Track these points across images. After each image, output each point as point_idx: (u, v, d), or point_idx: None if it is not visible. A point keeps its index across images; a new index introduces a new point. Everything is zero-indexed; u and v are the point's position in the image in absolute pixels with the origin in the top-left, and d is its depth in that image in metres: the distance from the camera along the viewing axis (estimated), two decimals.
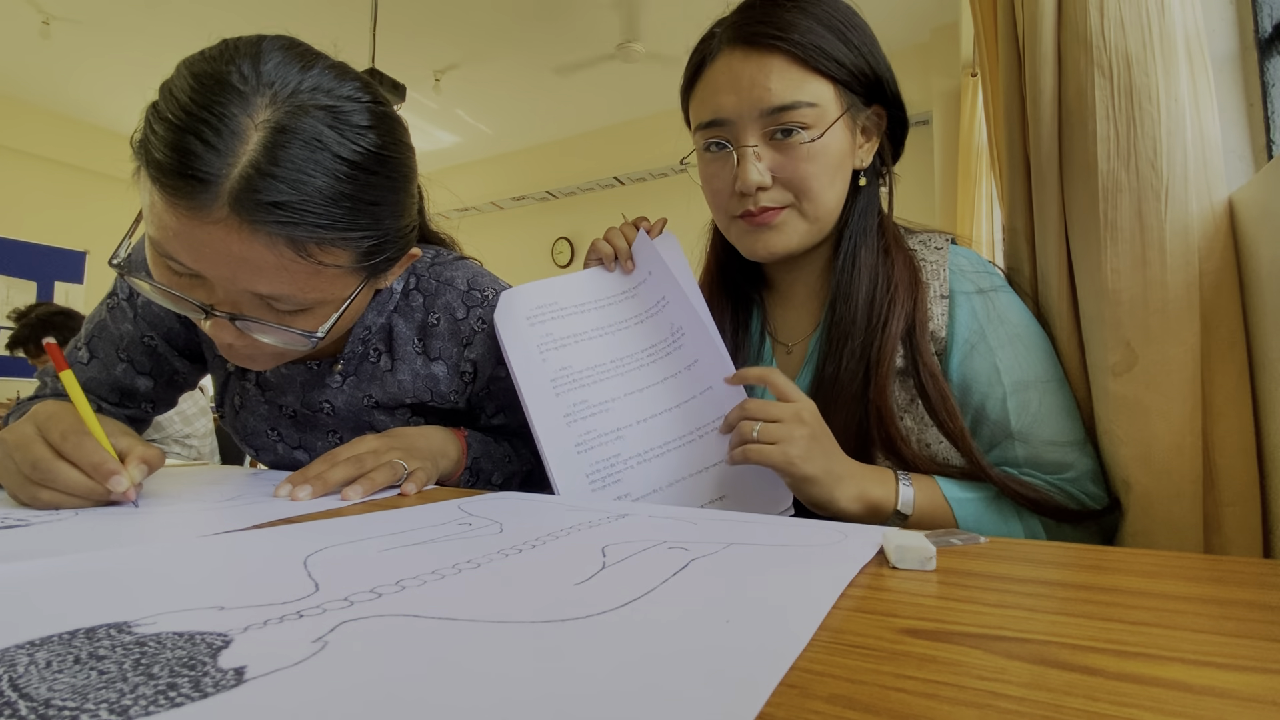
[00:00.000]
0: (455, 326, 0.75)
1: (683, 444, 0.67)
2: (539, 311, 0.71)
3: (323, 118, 0.50)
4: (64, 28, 3.63)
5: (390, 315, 0.75)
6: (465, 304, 0.75)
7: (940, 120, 3.43)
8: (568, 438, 0.66)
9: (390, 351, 0.75)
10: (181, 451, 2.16)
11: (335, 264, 0.54)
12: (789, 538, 0.40)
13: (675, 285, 0.70)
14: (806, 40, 0.61)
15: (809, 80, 0.62)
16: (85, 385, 0.74)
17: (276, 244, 0.50)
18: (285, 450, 0.80)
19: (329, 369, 0.75)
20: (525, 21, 3.64)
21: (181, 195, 0.48)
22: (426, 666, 0.20)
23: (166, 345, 0.76)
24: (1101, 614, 0.26)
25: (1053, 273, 0.66)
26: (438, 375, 0.76)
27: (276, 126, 0.49)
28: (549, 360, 0.69)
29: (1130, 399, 0.57)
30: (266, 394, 0.77)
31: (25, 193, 4.58)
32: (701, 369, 0.69)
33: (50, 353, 0.53)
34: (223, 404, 0.82)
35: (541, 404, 0.67)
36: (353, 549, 0.36)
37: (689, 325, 0.70)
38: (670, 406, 0.68)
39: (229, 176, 0.48)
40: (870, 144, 0.69)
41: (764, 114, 0.63)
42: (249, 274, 0.52)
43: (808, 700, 0.19)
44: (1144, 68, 0.56)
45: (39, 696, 0.18)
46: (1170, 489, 0.55)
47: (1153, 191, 0.55)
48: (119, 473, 0.49)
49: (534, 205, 5.61)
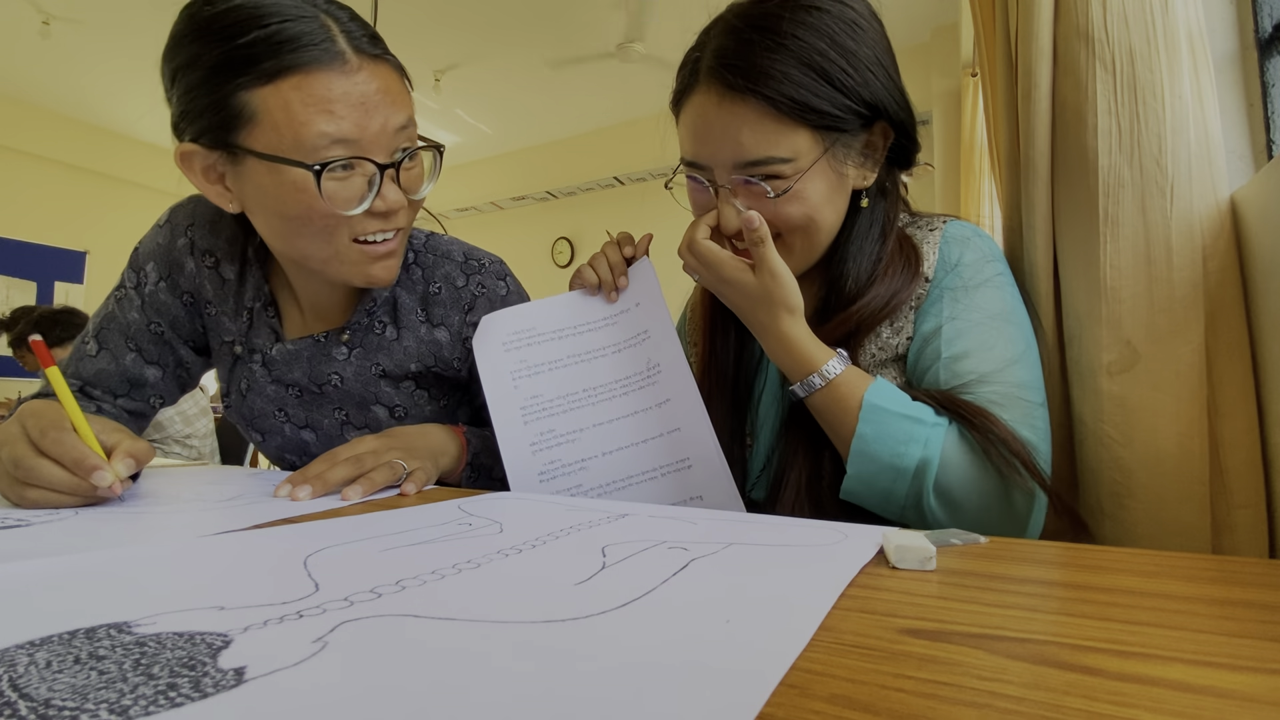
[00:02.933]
0: (456, 294, 0.79)
1: (644, 480, 0.67)
2: (515, 337, 0.71)
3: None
4: (64, 28, 3.63)
5: (393, 288, 0.78)
6: (464, 272, 0.79)
7: (940, 120, 3.43)
8: (532, 465, 0.66)
9: (395, 322, 0.78)
10: (182, 451, 2.15)
11: None
12: (789, 538, 0.40)
13: (663, 320, 0.70)
14: (782, 91, 0.57)
15: (784, 133, 0.58)
16: (95, 378, 0.76)
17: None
18: (292, 430, 0.81)
19: (336, 340, 0.77)
20: (525, 21, 3.64)
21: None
22: (426, 666, 0.20)
23: (173, 333, 0.78)
24: (1101, 614, 0.26)
25: (1040, 269, 0.66)
26: (440, 340, 0.78)
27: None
28: (520, 388, 0.69)
29: (1130, 399, 0.56)
30: (273, 373, 0.79)
31: (25, 193, 4.58)
32: (672, 409, 0.68)
33: (36, 350, 0.53)
34: (229, 392, 0.83)
35: (510, 431, 0.67)
36: (353, 549, 0.36)
37: (666, 363, 0.69)
38: (636, 441, 0.68)
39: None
40: (872, 162, 0.65)
41: (736, 166, 0.60)
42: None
43: (808, 700, 0.19)
44: (1148, 63, 0.56)
45: (39, 696, 0.18)
46: (1179, 491, 0.54)
47: (1157, 188, 0.55)
48: (101, 467, 0.49)
49: (534, 205, 5.60)
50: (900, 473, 0.54)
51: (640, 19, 3.50)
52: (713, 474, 0.66)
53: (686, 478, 0.66)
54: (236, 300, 0.77)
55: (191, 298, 0.78)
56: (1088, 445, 0.60)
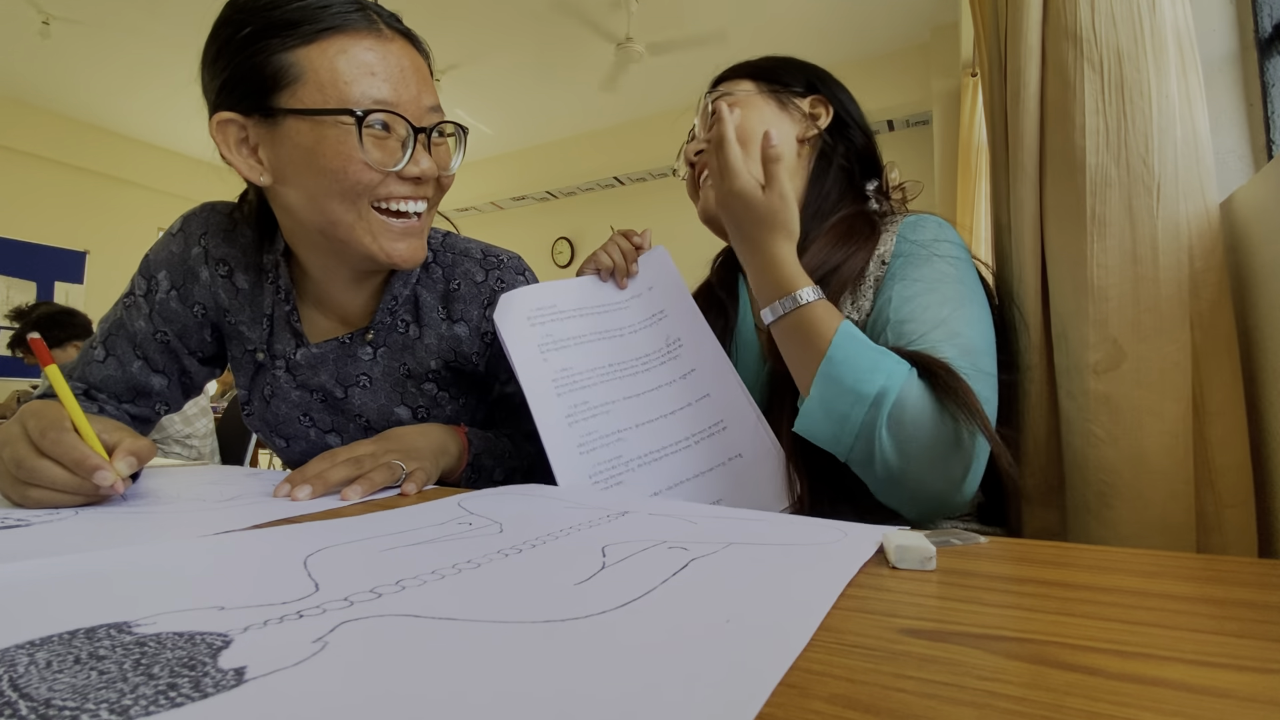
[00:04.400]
0: (476, 290, 0.79)
1: (680, 449, 0.67)
2: (539, 313, 0.72)
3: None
4: (64, 28, 3.63)
5: (414, 287, 0.79)
6: (483, 268, 0.80)
7: (940, 120, 3.43)
8: (570, 438, 0.66)
9: (418, 320, 0.79)
10: (182, 451, 2.15)
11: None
12: (789, 537, 0.40)
13: (679, 299, 0.72)
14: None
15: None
16: (101, 383, 0.76)
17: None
18: (317, 435, 0.82)
19: (360, 340, 0.77)
20: (525, 21, 3.64)
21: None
22: (426, 666, 0.20)
23: (179, 342, 0.78)
24: (1101, 614, 0.26)
25: (1028, 267, 0.66)
26: (460, 335, 0.79)
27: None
28: (550, 360, 0.70)
29: (1116, 398, 0.56)
30: (298, 378, 0.79)
31: (25, 193, 4.58)
32: (699, 377, 0.70)
33: (35, 348, 0.53)
34: (250, 400, 0.82)
35: (544, 404, 0.67)
36: (353, 549, 0.36)
37: (687, 336, 0.71)
38: (668, 412, 0.69)
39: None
40: (811, 116, 0.76)
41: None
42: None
43: (808, 700, 0.19)
44: (1135, 63, 0.56)
45: (39, 696, 0.18)
46: (1164, 490, 0.54)
47: (1144, 187, 0.55)
48: (103, 467, 0.49)
49: (534, 205, 5.61)
50: (860, 398, 0.54)
51: (638, 18, 3.50)
52: (749, 431, 0.67)
53: (724, 439, 0.67)
54: (254, 308, 0.77)
55: (204, 309, 0.78)
56: (1074, 444, 0.60)
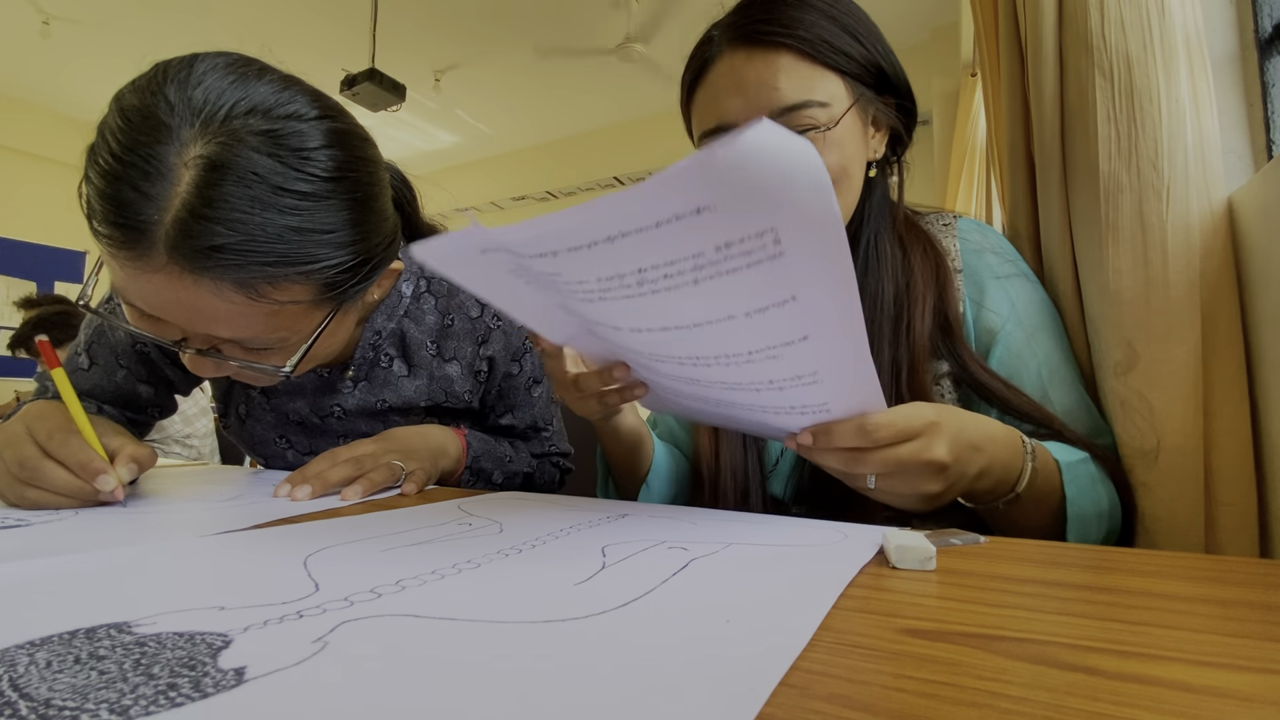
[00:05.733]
0: (470, 325, 0.75)
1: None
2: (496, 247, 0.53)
3: (261, 145, 0.46)
4: (64, 28, 3.63)
5: (400, 320, 0.73)
6: (479, 302, 0.75)
7: (940, 120, 3.43)
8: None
9: (404, 357, 0.74)
10: (182, 451, 2.15)
11: (294, 300, 0.51)
12: (789, 538, 0.40)
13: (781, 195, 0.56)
14: (814, 35, 0.57)
15: (819, 77, 0.58)
16: (90, 392, 0.74)
17: (223, 289, 0.47)
18: (295, 457, 0.79)
19: (340, 375, 0.74)
20: (525, 21, 3.64)
21: (121, 245, 0.46)
22: (426, 666, 0.20)
23: (159, 352, 0.75)
24: (1102, 614, 0.26)
25: (1060, 273, 0.66)
26: (452, 375, 0.75)
27: (208, 163, 0.45)
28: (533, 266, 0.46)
29: (1132, 398, 0.57)
30: (273, 401, 0.76)
31: (25, 193, 4.58)
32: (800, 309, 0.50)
33: (42, 350, 0.53)
34: (227, 414, 0.81)
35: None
36: (353, 549, 0.36)
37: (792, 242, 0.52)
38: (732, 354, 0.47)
39: (163, 223, 0.45)
40: (881, 134, 0.66)
41: (773, 116, 0.57)
42: (204, 320, 0.50)
43: (808, 700, 0.19)
44: (1144, 69, 0.56)
45: (39, 696, 0.18)
46: (1174, 489, 0.54)
47: (1154, 191, 0.55)
48: (106, 472, 0.49)
49: (534, 205, 5.60)
50: (1102, 516, 0.54)
51: (638, 18, 3.50)
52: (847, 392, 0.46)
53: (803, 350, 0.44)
54: None
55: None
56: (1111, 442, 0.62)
